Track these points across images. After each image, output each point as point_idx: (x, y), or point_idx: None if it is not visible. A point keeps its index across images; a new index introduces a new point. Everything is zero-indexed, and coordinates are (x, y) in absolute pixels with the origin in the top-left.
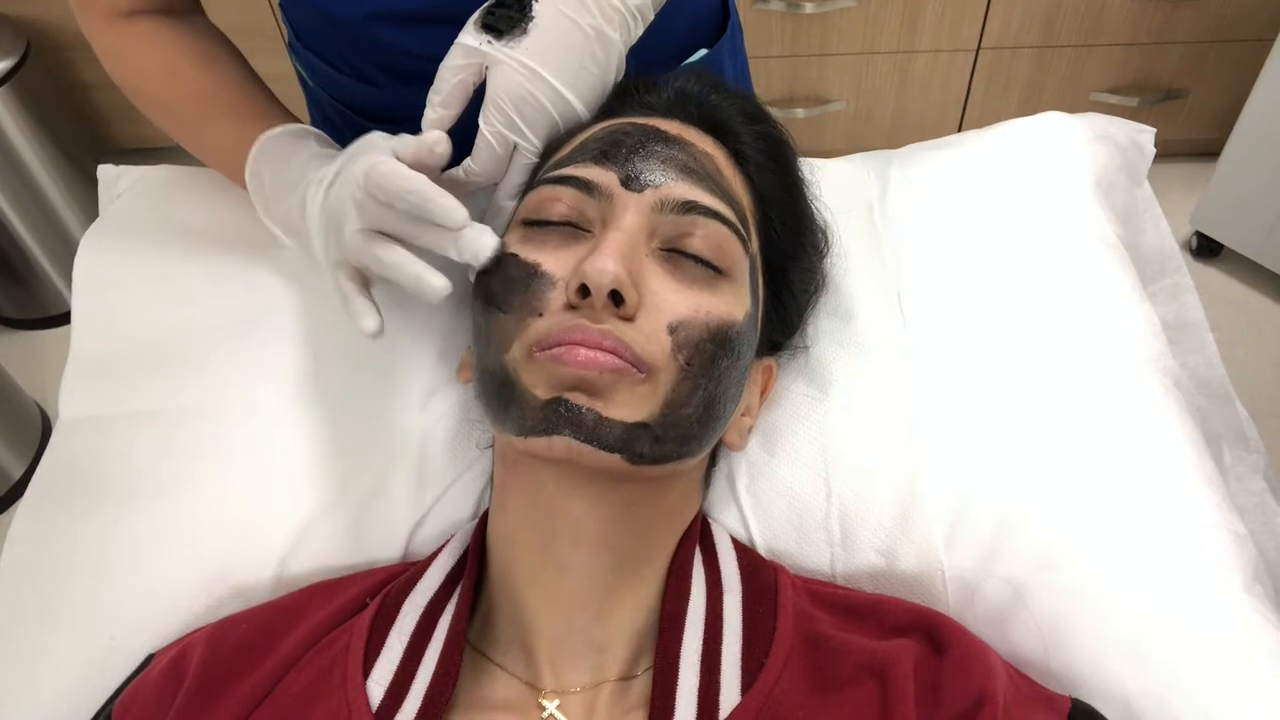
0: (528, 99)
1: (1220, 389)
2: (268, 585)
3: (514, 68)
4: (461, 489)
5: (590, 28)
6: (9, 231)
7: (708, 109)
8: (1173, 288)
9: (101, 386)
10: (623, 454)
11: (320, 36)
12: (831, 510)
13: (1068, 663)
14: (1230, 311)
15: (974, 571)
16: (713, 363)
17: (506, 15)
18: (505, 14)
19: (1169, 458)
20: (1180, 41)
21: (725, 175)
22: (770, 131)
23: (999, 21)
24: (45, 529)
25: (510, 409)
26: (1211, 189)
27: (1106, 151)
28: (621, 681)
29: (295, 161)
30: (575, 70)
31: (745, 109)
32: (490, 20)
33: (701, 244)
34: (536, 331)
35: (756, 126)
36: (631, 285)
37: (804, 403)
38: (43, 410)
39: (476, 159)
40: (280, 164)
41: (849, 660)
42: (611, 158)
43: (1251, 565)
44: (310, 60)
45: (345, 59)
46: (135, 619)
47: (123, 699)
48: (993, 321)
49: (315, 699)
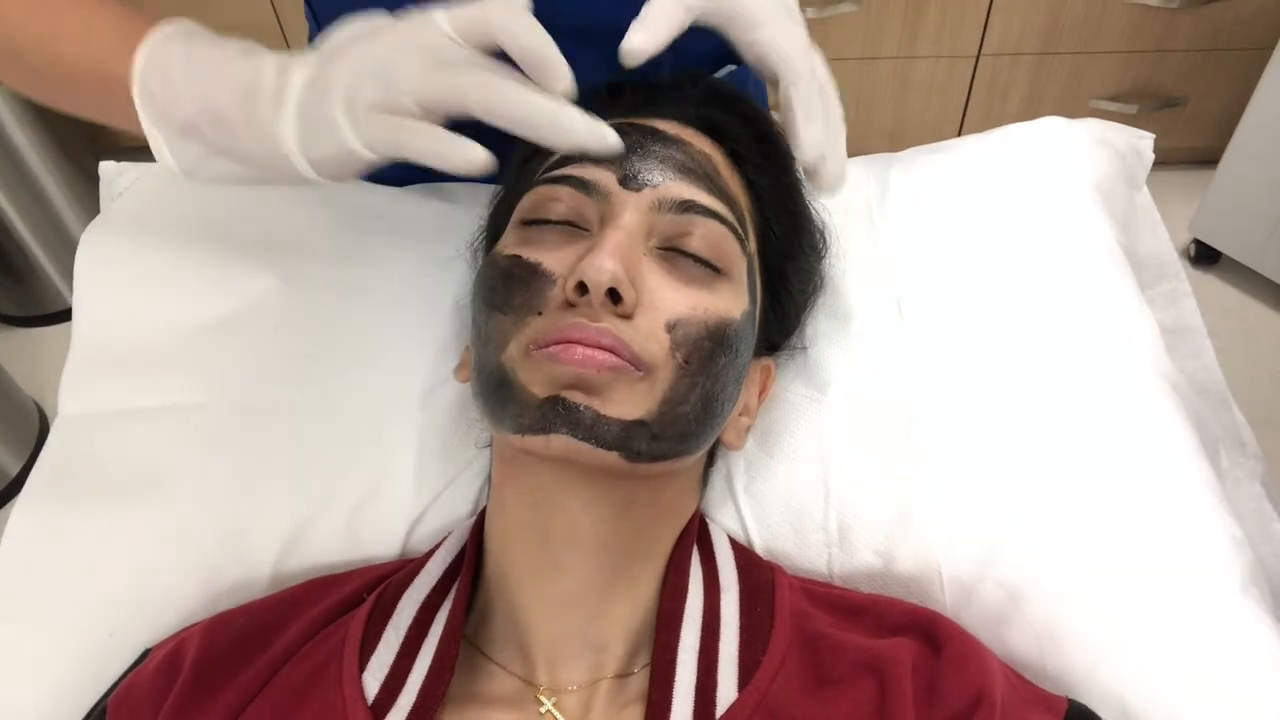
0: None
1: (1218, 394)
2: (265, 581)
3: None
4: (460, 487)
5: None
6: (8, 228)
7: (706, 110)
8: (1171, 293)
9: (101, 383)
10: (620, 451)
11: None
12: (830, 511)
13: (1064, 664)
14: (1228, 319)
15: (971, 573)
16: (710, 361)
17: None
18: None
19: (1167, 460)
20: (1179, 49)
21: (723, 175)
22: (768, 133)
23: (999, 28)
24: (44, 524)
25: (508, 407)
26: (1210, 197)
27: (1106, 157)
28: (618, 679)
29: (217, 54)
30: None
31: (744, 111)
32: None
33: (699, 243)
34: (534, 329)
35: (754, 128)
36: (629, 283)
37: (803, 403)
38: (40, 407)
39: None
40: (194, 61)
41: (846, 658)
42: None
43: (1248, 568)
44: None
45: None
46: (132, 614)
47: (118, 693)
48: (991, 324)
49: (311, 692)
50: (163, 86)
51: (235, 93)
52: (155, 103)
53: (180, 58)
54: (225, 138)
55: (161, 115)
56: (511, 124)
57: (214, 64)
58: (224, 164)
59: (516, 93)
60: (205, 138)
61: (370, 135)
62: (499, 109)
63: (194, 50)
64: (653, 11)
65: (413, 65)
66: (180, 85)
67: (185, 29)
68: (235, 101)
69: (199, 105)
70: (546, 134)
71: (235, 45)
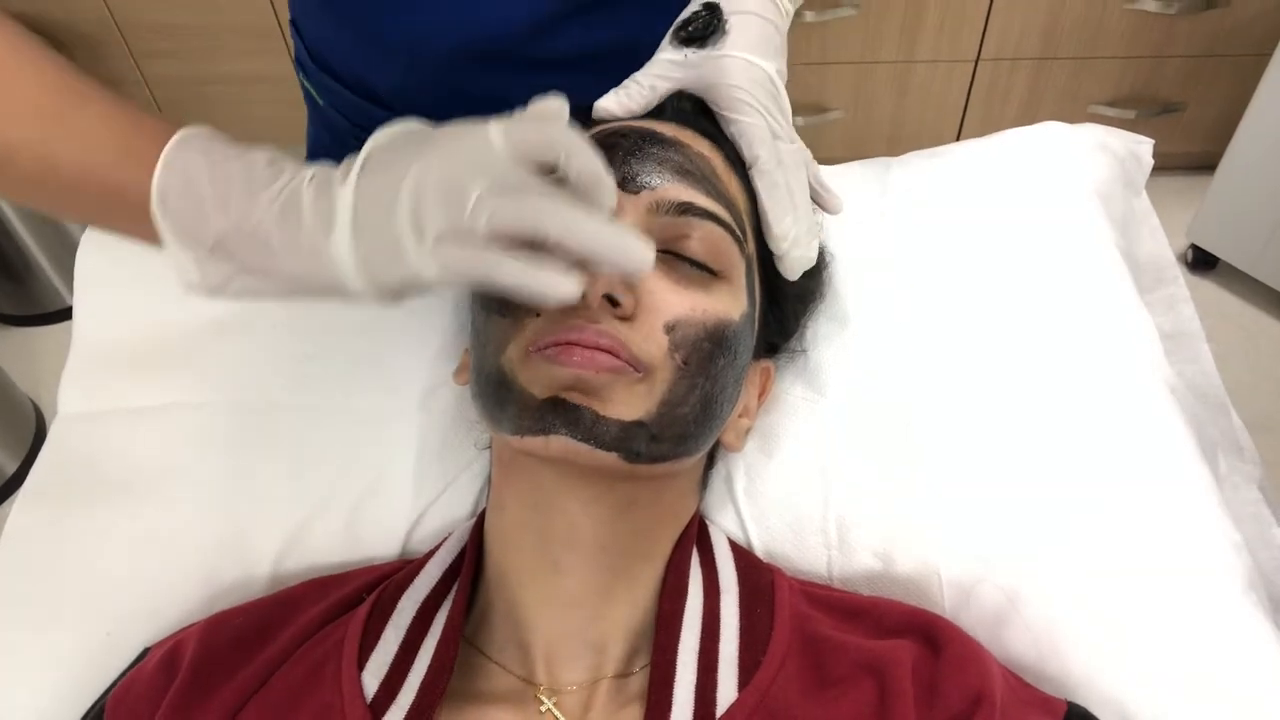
0: (762, 81)
1: (1216, 399)
2: (264, 581)
3: (736, 60)
4: (460, 488)
5: (768, 17)
6: (6, 228)
7: (704, 113)
8: (1169, 298)
9: (101, 382)
10: (619, 452)
11: (362, 64)
12: (829, 513)
13: (1063, 667)
14: (1225, 324)
15: (970, 575)
16: (710, 362)
17: (705, 22)
18: (703, 21)
19: (1165, 463)
20: (1178, 55)
21: (721, 177)
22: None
23: (998, 33)
24: (43, 523)
25: (507, 408)
26: (1208, 202)
27: (1105, 161)
28: (618, 678)
29: (242, 167)
30: (774, 54)
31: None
32: (690, 34)
33: (698, 246)
34: (533, 331)
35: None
36: (627, 286)
37: (802, 406)
38: (37, 407)
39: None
40: (219, 176)
41: (846, 660)
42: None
43: (1246, 572)
44: (325, 83)
45: (401, 94)
46: (132, 613)
47: (116, 691)
48: (990, 327)
49: (310, 691)
50: (187, 204)
51: (271, 211)
52: (180, 220)
53: (203, 171)
54: (262, 258)
55: (186, 233)
56: (580, 251)
57: (242, 179)
58: (257, 281)
59: (587, 222)
60: (237, 257)
61: (445, 263)
62: (573, 239)
63: (216, 162)
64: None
65: (479, 188)
66: (208, 202)
67: (202, 136)
68: (274, 220)
69: (231, 224)
70: (609, 258)
71: (260, 155)
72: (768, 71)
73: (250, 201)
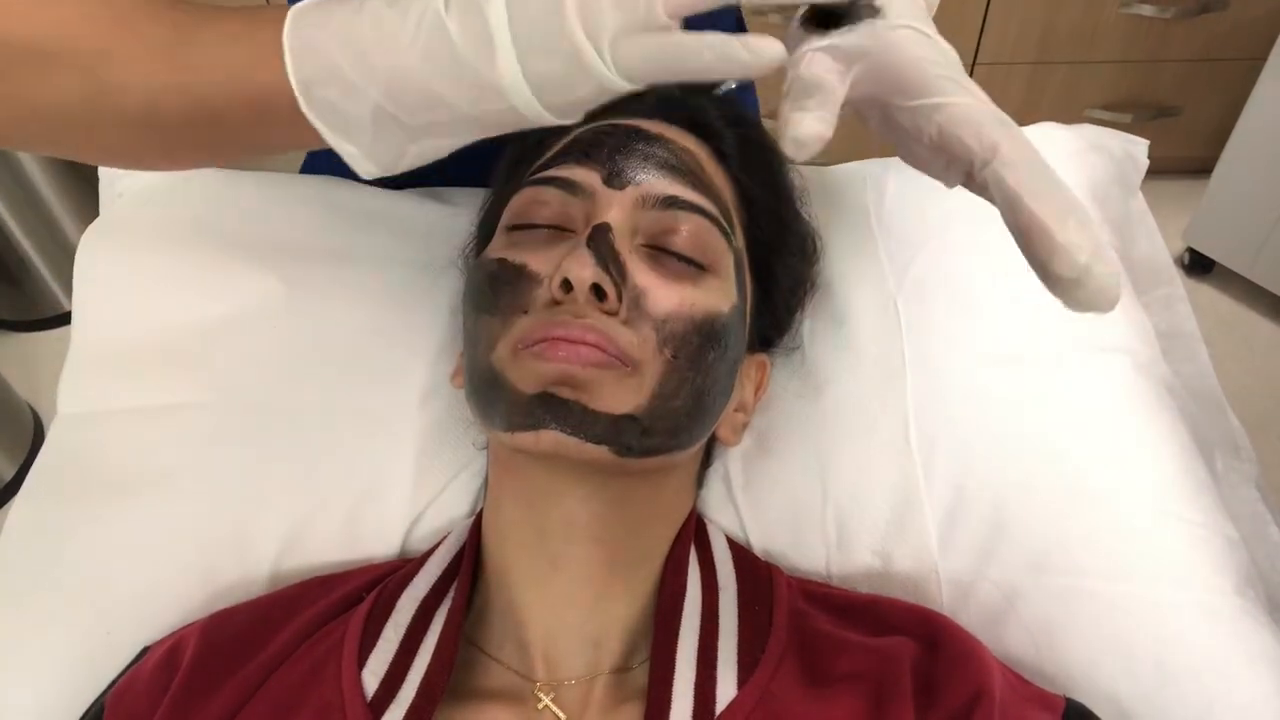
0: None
1: (1212, 398)
2: (264, 580)
3: (908, 31)
4: (458, 487)
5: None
6: (4, 233)
7: (690, 109)
8: (1166, 299)
9: (100, 382)
10: (610, 446)
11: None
12: (827, 512)
13: (1060, 664)
14: (1222, 327)
15: (968, 573)
16: (699, 355)
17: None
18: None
19: (1162, 462)
20: (1174, 59)
21: (707, 171)
22: (750, 132)
23: (994, 37)
24: (42, 523)
25: (498, 406)
26: (1204, 206)
27: (1100, 162)
28: (616, 674)
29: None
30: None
31: (726, 110)
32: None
33: (685, 240)
34: (521, 329)
35: (739, 128)
36: (613, 280)
37: (800, 404)
38: (35, 411)
39: None
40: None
41: (845, 657)
42: (594, 157)
43: (1243, 568)
44: None
45: None
46: (131, 612)
47: (116, 690)
48: (987, 326)
49: (310, 689)
50: (331, 88)
51: (416, 56)
52: (331, 109)
53: (332, 45)
54: (426, 111)
55: (345, 122)
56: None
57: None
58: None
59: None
60: (400, 121)
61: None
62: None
63: (338, 29)
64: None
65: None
66: (349, 74)
67: (310, 8)
68: (425, 67)
69: (381, 89)
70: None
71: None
72: (942, 43)
73: (391, 53)
